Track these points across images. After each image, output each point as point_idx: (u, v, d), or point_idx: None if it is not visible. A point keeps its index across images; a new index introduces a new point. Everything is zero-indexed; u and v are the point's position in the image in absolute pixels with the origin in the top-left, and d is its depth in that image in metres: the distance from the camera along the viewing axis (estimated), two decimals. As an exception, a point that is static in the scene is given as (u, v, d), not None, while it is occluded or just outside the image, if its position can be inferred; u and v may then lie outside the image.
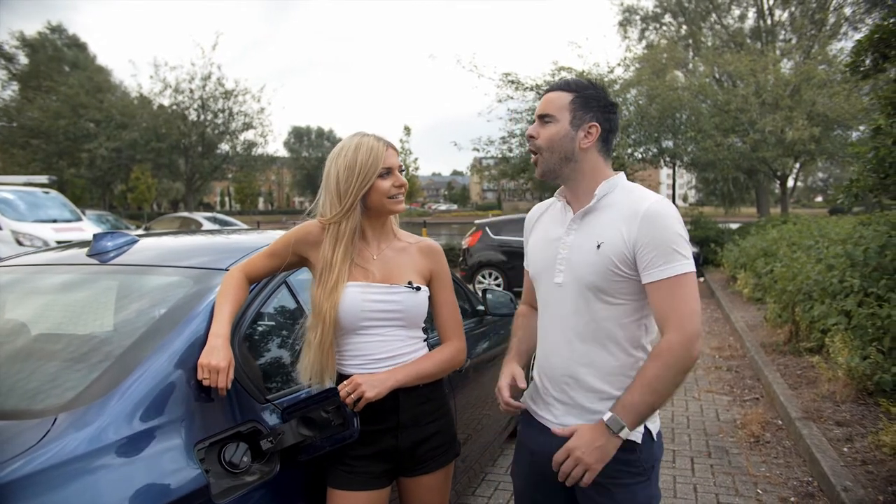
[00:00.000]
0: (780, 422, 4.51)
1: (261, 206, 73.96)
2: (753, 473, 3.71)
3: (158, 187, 41.46)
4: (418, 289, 1.81)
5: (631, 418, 1.49)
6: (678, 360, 1.47)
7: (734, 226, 18.17)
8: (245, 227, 17.04)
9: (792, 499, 3.39)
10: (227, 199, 70.53)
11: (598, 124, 1.62)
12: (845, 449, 3.73)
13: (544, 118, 1.63)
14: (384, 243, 1.86)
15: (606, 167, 1.67)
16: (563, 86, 1.64)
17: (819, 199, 66.46)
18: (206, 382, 1.55)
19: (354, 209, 1.75)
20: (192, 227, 16.53)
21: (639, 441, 1.58)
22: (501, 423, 3.62)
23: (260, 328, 1.99)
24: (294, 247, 1.80)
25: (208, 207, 61.31)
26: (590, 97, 1.63)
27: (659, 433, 1.67)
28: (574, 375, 1.63)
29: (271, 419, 1.75)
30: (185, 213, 19.67)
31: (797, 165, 19.89)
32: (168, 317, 1.72)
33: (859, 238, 5.57)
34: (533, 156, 1.67)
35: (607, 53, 71.74)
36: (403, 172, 1.84)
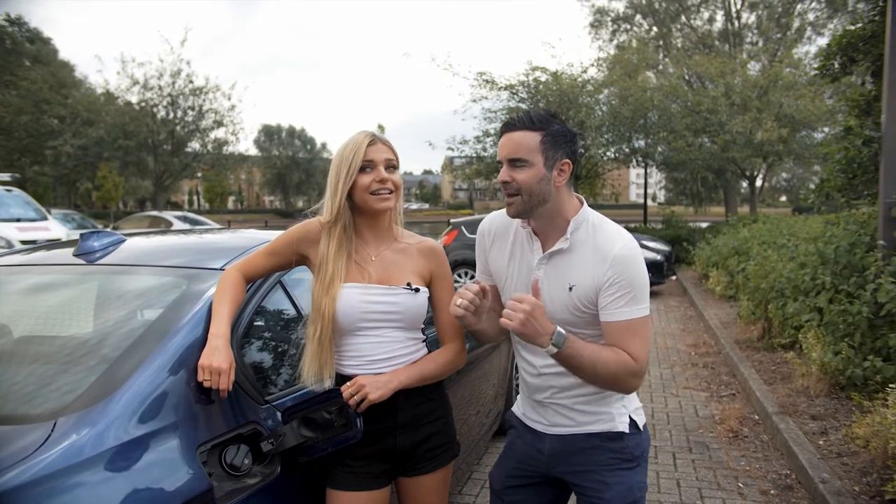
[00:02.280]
0: (756, 417, 4.61)
1: (230, 205, 72.92)
2: (734, 467, 3.79)
3: (125, 186, 40.64)
4: (417, 290, 1.80)
5: (567, 350, 1.50)
6: (626, 373, 1.56)
7: (704, 224, 18.50)
8: (217, 226, 16.79)
9: (772, 491, 3.47)
10: (195, 197, 69.39)
11: (569, 160, 1.62)
12: (821, 442, 3.83)
13: (516, 162, 1.58)
14: (384, 244, 1.84)
15: (572, 197, 1.68)
16: (528, 124, 1.59)
17: (783, 198, 67.97)
18: (206, 384, 1.52)
19: (344, 207, 1.74)
20: (162, 227, 16.22)
21: (625, 430, 1.69)
22: (487, 421, 3.63)
23: (257, 328, 1.97)
24: (296, 245, 1.79)
25: (176, 206, 60.19)
26: (557, 133, 1.60)
27: (644, 425, 1.77)
28: (562, 384, 1.71)
29: (271, 420, 1.73)
30: (155, 212, 19.32)
31: (765, 166, 20.34)
32: (165, 318, 1.69)
33: (830, 237, 5.72)
34: (508, 197, 1.62)
35: (580, 54, 72.39)
36: (393, 169, 1.78)
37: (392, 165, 1.77)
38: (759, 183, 22.73)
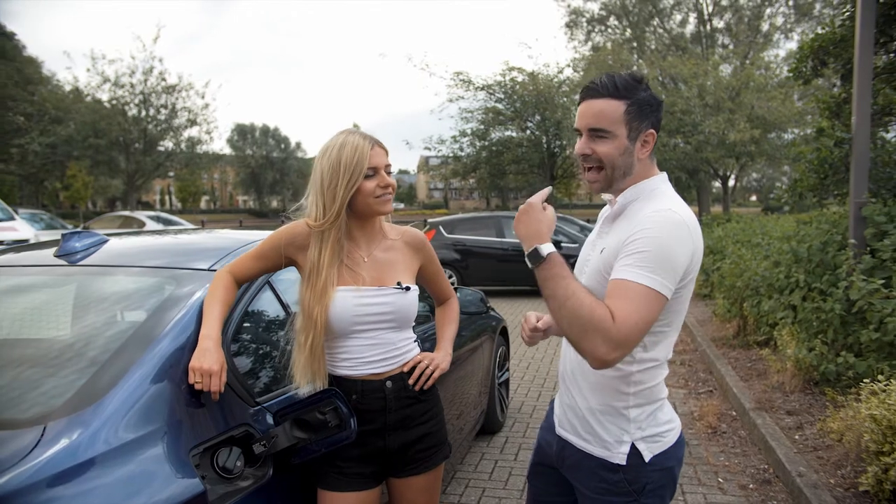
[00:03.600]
0: (734, 413, 4.70)
1: (203, 205, 71.93)
2: (713, 463, 3.85)
3: (95, 185, 39.80)
4: (408, 289, 1.81)
5: (547, 265, 1.35)
6: (596, 321, 1.27)
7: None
8: (192, 226, 16.55)
9: (751, 486, 3.54)
10: (167, 197, 68.31)
11: (654, 131, 1.48)
12: (797, 437, 3.92)
13: (597, 132, 1.44)
14: (374, 244, 1.84)
15: (653, 166, 1.54)
16: (613, 91, 1.43)
17: (753, 198, 69.29)
18: (198, 386, 1.51)
19: (342, 213, 1.72)
20: (134, 227, 15.94)
21: (622, 462, 1.48)
22: (471, 421, 3.64)
23: (246, 329, 1.94)
24: (283, 250, 1.76)
25: (147, 206, 59.22)
26: (643, 102, 1.44)
27: (663, 454, 1.50)
28: (574, 380, 1.59)
29: (263, 422, 1.71)
30: (127, 212, 18.97)
31: (738, 166, 20.72)
32: (154, 319, 1.67)
33: (804, 236, 5.85)
34: (587, 171, 1.50)
35: (557, 54, 72.95)
36: (390, 172, 1.81)
37: (388, 168, 1.78)
38: (731, 183, 23.14)
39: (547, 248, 1.39)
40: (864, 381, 3.54)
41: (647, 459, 1.48)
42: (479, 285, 10.93)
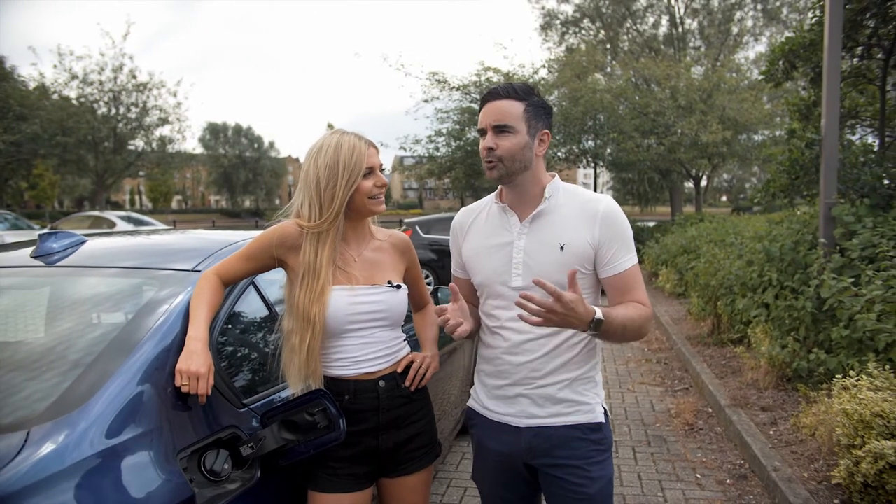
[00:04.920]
0: (710, 410, 4.78)
1: (175, 205, 70.78)
2: (691, 459, 3.91)
3: (62, 184, 38.90)
4: (399, 287, 1.82)
5: (606, 324, 1.50)
6: (646, 321, 1.64)
7: (651, 223, 19.02)
8: (164, 226, 16.28)
9: (728, 481, 3.60)
10: (137, 197, 67.04)
11: (548, 131, 1.69)
12: (771, 432, 4.00)
13: (502, 129, 1.62)
14: (363, 244, 1.84)
15: (544, 168, 1.74)
16: (512, 93, 1.64)
17: (724, 198, 70.49)
18: (185, 389, 1.48)
19: (340, 213, 1.71)
20: (104, 228, 15.62)
21: (603, 421, 1.72)
22: (452, 421, 3.64)
23: (231, 330, 1.92)
24: (274, 251, 1.74)
25: (116, 206, 58.09)
26: (538, 105, 1.66)
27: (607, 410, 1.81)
28: (540, 369, 1.67)
29: (250, 424, 1.69)
30: (97, 212, 18.57)
31: (710, 167, 21.07)
32: (138, 321, 1.63)
33: (776, 235, 5.97)
34: (489, 163, 1.65)
35: (532, 55, 73.41)
36: (384, 171, 1.82)
37: (382, 167, 1.80)
38: (703, 183, 23.53)
39: (599, 316, 1.48)
40: (837, 376, 3.63)
41: (608, 414, 1.78)
42: (456, 285, 10.93)
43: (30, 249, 2.09)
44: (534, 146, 1.65)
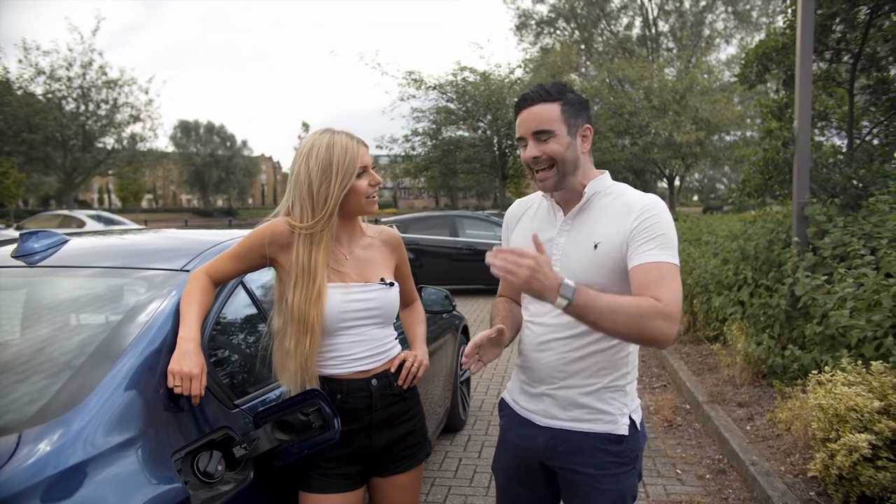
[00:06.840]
0: (688, 406, 4.85)
1: (145, 203, 69.54)
2: (671, 455, 3.97)
3: (27, 182, 37.94)
4: (391, 284, 1.83)
5: (579, 301, 1.34)
6: (648, 312, 1.39)
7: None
8: (136, 226, 15.99)
9: (707, 476, 3.67)
10: (106, 196, 65.74)
11: (590, 126, 1.63)
12: (748, 427, 4.08)
13: (541, 135, 1.56)
14: (354, 242, 1.84)
15: (591, 163, 1.68)
16: (545, 96, 1.57)
17: (695, 198, 71.56)
18: (177, 390, 1.46)
19: (334, 214, 1.70)
20: (73, 227, 15.30)
21: (626, 433, 1.61)
22: (436, 420, 3.65)
23: (222, 330, 1.90)
24: (266, 250, 1.71)
25: (84, 205, 56.86)
26: (573, 101, 1.59)
27: (642, 422, 1.70)
28: (567, 370, 1.63)
29: (243, 425, 1.68)
30: (66, 211, 18.18)
31: (684, 167, 21.41)
32: (128, 322, 1.61)
33: (751, 234, 6.09)
34: (539, 172, 1.59)
35: (508, 55, 73.72)
36: (375, 169, 1.81)
37: (372, 165, 1.79)
38: (676, 183, 23.88)
39: (565, 285, 1.33)
40: (812, 372, 3.71)
41: (638, 427, 1.67)
42: (434, 284, 10.96)
43: (10, 249, 2.04)
44: (577, 144, 1.59)
